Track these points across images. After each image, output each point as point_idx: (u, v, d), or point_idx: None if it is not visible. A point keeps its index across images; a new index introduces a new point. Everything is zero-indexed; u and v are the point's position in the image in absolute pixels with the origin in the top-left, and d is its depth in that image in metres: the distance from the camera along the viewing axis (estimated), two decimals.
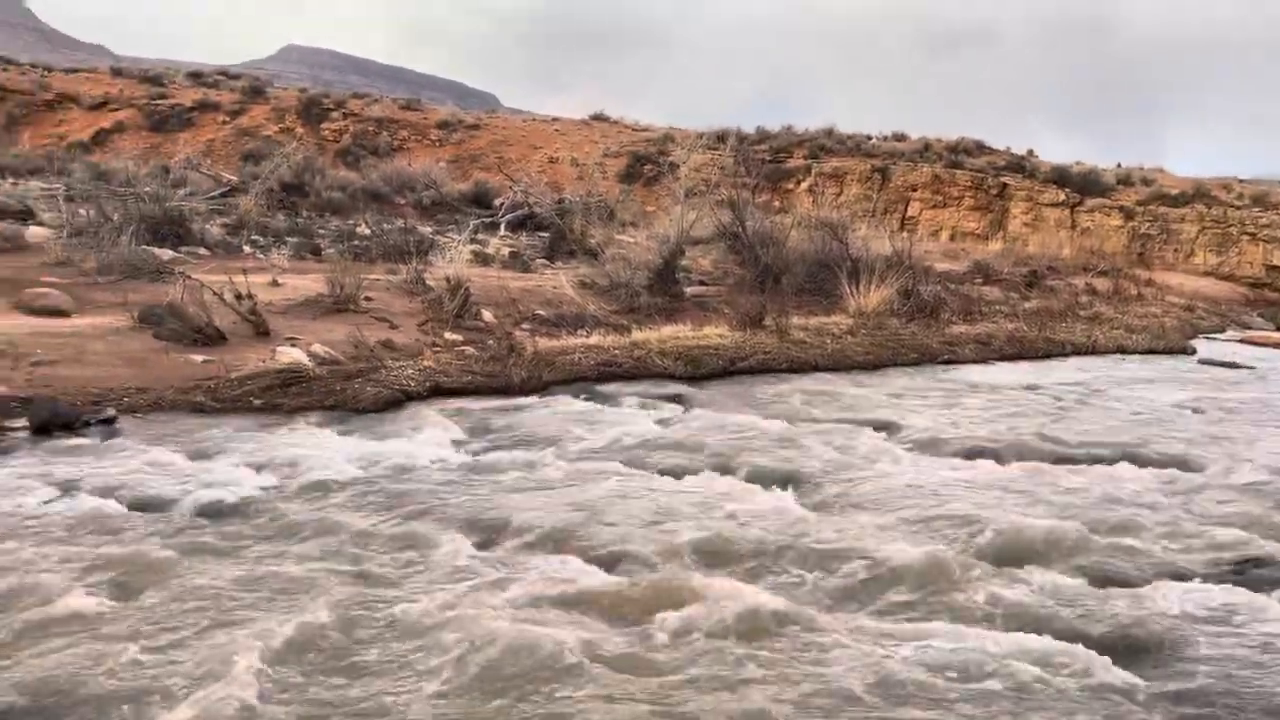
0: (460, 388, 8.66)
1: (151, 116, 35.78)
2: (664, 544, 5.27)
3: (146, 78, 40.28)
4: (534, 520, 5.48)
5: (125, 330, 8.83)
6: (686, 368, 10.01)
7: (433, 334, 10.35)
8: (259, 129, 35.46)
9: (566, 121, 39.47)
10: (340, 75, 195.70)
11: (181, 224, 14.07)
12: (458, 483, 6.19)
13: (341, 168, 28.57)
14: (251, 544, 4.99)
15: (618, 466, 6.74)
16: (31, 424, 6.59)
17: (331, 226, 18.55)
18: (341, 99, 39.81)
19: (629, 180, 30.51)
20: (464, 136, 36.26)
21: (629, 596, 4.59)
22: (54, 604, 4.11)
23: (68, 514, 5.17)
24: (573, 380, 9.32)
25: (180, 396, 7.52)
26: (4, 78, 38.12)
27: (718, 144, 24.04)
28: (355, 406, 7.87)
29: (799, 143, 34.05)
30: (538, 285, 13.49)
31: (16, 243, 12.37)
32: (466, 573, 4.77)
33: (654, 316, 12.51)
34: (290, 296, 10.81)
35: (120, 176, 17.56)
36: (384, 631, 4.12)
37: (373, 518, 5.45)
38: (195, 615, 4.12)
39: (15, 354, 7.76)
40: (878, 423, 8.38)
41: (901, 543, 5.33)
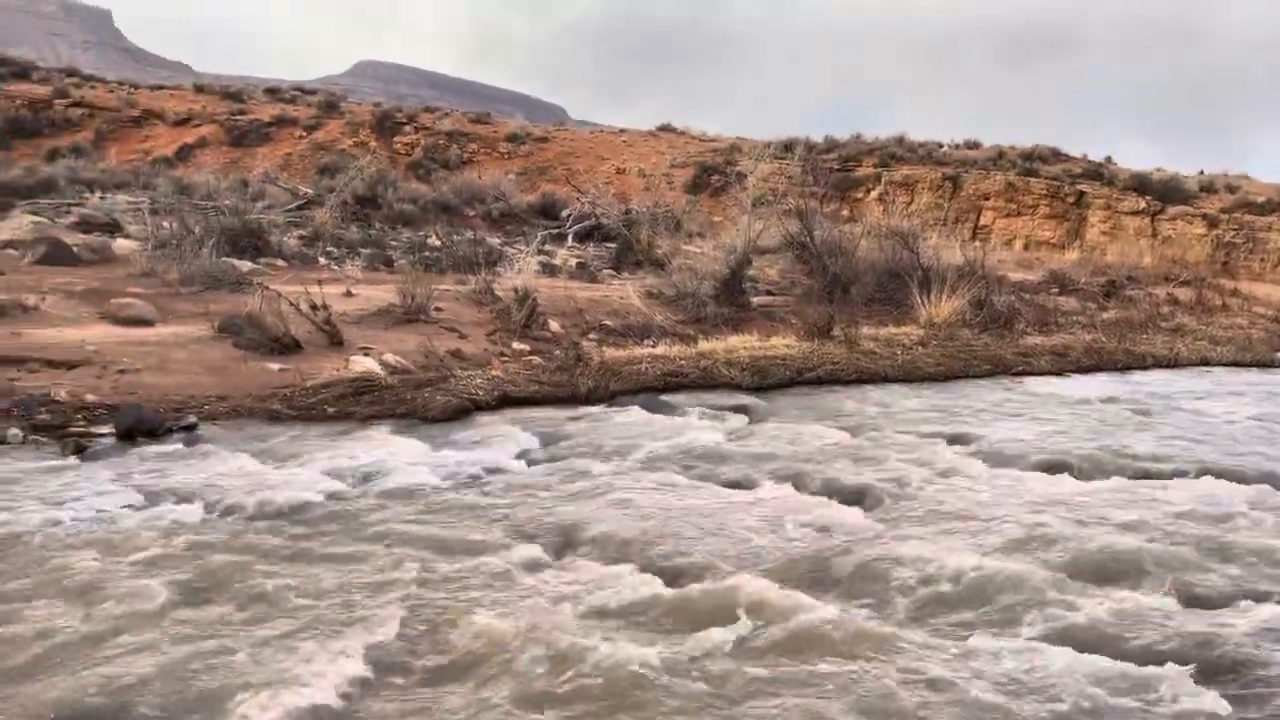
0: (528, 397, 8.73)
1: (232, 132, 36.89)
2: (732, 556, 5.24)
3: (227, 94, 41.55)
4: (601, 530, 5.49)
5: (206, 339, 9.10)
6: (753, 378, 9.95)
7: (501, 344, 10.46)
8: (334, 143, 36.31)
9: (633, 133, 39.66)
10: (413, 89, 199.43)
11: (260, 236, 14.47)
12: (526, 492, 6.24)
13: (413, 180, 29.10)
14: (325, 549, 5.09)
15: (684, 477, 6.73)
16: (118, 430, 6.81)
17: (403, 238, 18.89)
18: (414, 113, 40.57)
19: (695, 190, 30.51)
20: (532, 149, 36.66)
21: (696, 608, 4.57)
22: (134, 607, 4.24)
23: (150, 519, 5.33)
24: (639, 390, 9.33)
25: (258, 404, 7.71)
26: (93, 95, 39.67)
27: (785, 153, 23.92)
28: (425, 415, 7.99)
29: (868, 151, 33.70)
30: (604, 295, 13.55)
31: (104, 255, 12.84)
32: (535, 582, 4.80)
33: (720, 326, 12.47)
34: (363, 307, 11.03)
35: (202, 190, 18.13)
36: (453, 640, 4.16)
37: (443, 525, 5.52)
38: (269, 620, 4.21)
39: (103, 362, 8.04)
40: (950, 435, 8.22)
41: (975, 557, 5.22)
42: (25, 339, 8.34)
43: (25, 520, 5.14)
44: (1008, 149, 32.76)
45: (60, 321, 9.23)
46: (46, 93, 38.91)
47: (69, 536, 4.97)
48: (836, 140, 34.98)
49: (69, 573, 4.51)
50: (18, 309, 9.22)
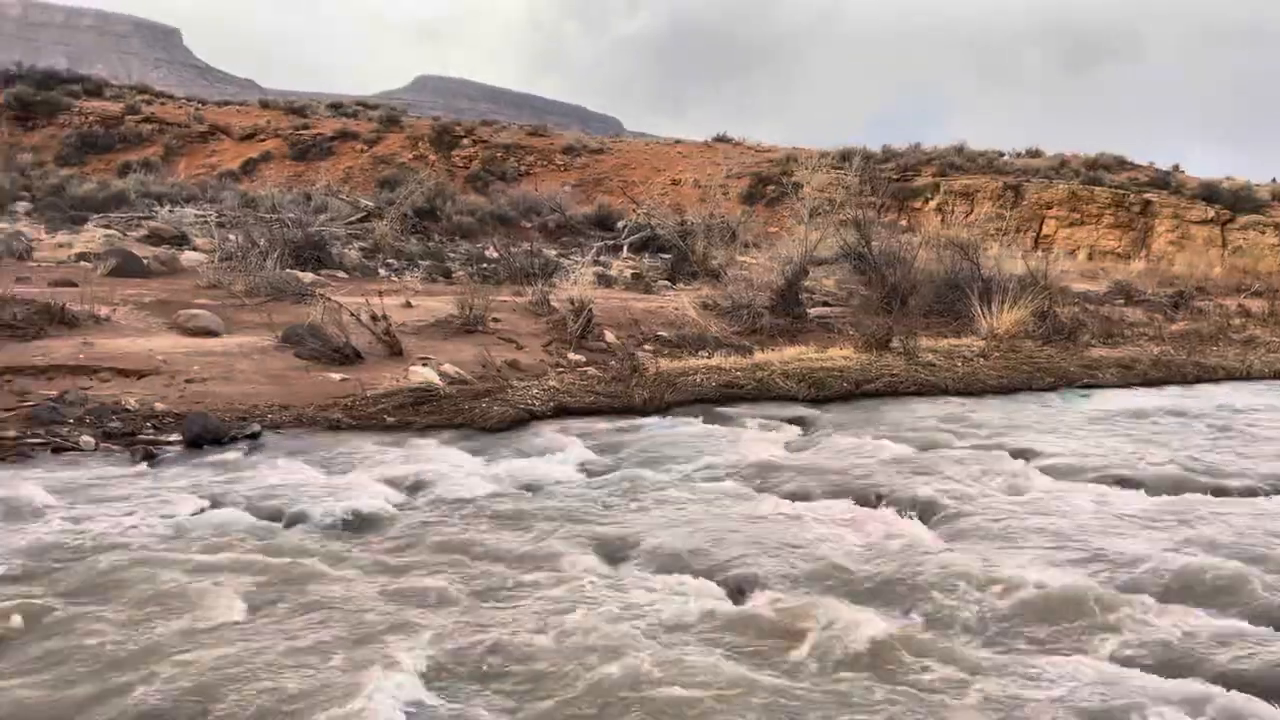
0: (583, 408, 8.74)
1: (295, 146, 37.71)
2: (790, 569, 5.18)
3: (292, 109, 42.51)
4: (659, 542, 5.46)
5: (270, 349, 9.27)
6: (810, 390, 9.85)
7: (557, 354, 10.51)
8: (394, 156, 36.93)
9: (689, 144, 39.73)
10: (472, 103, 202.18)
11: (322, 248, 14.75)
12: (583, 502, 6.24)
13: (471, 193, 29.47)
14: (385, 558, 5.14)
15: (740, 488, 6.68)
16: (184, 438, 6.96)
17: (461, 250, 19.12)
18: (471, 126, 41.12)
19: (751, 201, 30.44)
20: (588, 161, 36.90)
21: (755, 621, 4.53)
22: (199, 612, 4.31)
23: (215, 525, 5.43)
24: (694, 401, 9.29)
25: (319, 413, 7.82)
26: (163, 112, 40.85)
27: (842, 163, 23.75)
28: (483, 425, 8.04)
29: (927, 161, 33.33)
30: (659, 306, 13.55)
31: (172, 266, 13.18)
32: (593, 593, 4.78)
33: (776, 338, 12.39)
34: (422, 317, 11.16)
35: (266, 203, 18.53)
36: (513, 651, 4.16)
37: (501, 535, 5.54)
38: (330, 628, 4.25)
39: (171, 372, 8.24)
40: (1014, 449, 8.05)
41: (1041, 575, 5.09)
42: (98, 349, 8.58)
43: (96, 526, 5.26)
44: (1070, 157, 32.17)
45: (131, 332, 9.48)
46: (118, 109, 40.19)
47: (137, 542, 5.08)
48: (894, 150, 34.68)
49: (136, 579, 4.60)
50: (90, 320, 9.49)
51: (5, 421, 6.81)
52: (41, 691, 3.63)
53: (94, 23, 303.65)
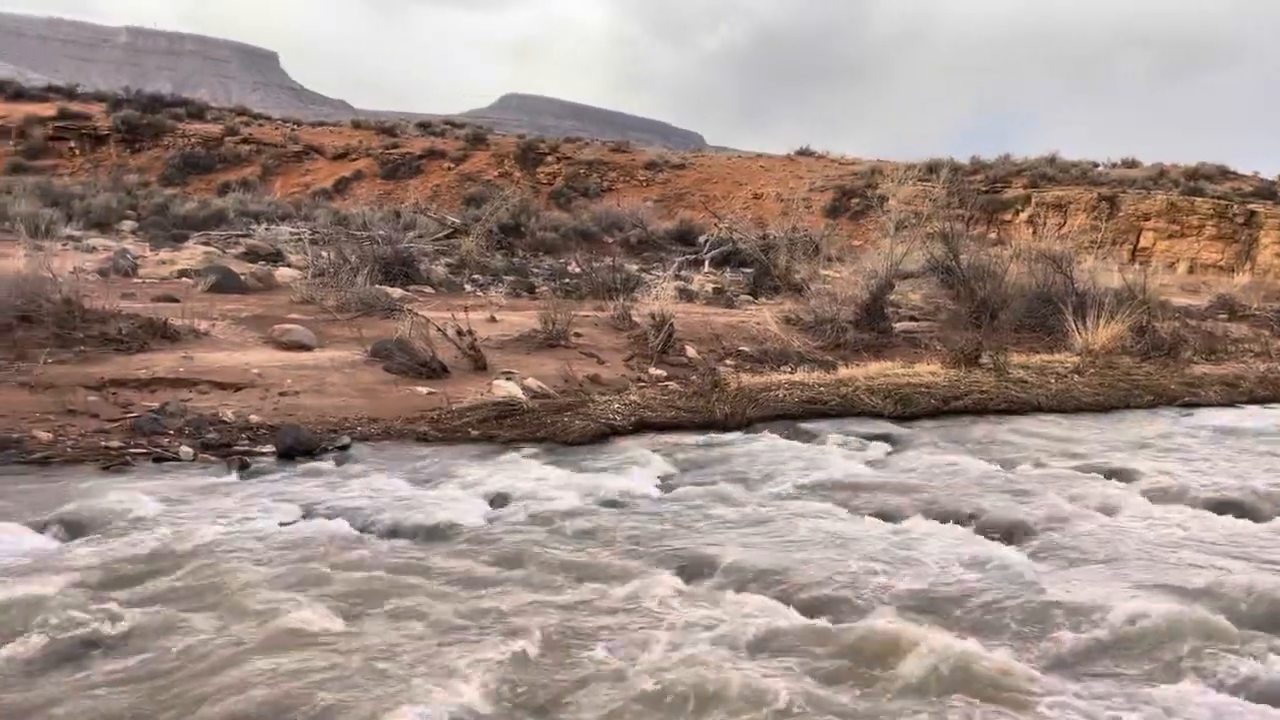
0: (664, 423, 8.73)
1: (385, 165, 38.69)
2: (874, 589, 5.07)
3: (382, 129, 43.65)
4: (741, 559, 5.41)
5: (360, 363, 9.49)
6: (896, 406, 9.67)
7: (638, 369, 10.52)
8: (480, 174, 37.61)
9: (771, 157, 39.55)
10: (556, 120, 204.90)
11: (410, 264, 15.07)
12: (664, 518, 6.22)
13: (554, 209, 29.83)
14: (468, 570, 5.19)
15: (824, 506, 6.57)
16: (278, 449, 7.16)
17: (544, 265, 19.34)
18: (555, 144, 41.64)
19: (834, 215, 30.13)
20: (670, 176, 37.02)
21: (839, 642, 4.44)
22: (286, 620, 4.40)
23: (304, 535, 5.55)
24: (777, 417, 9.20)
25: (407, 426, 7.97)
26: (261, 132, 42.34)
27: (929, 175, 23.32)
28: (564, 439, 8.09)
29: (1017, 172, 32.57)
30: (741, 321, 13.48)
31: (268, 282, 13.61)
32: (673, 610, 4.75)
33: (861, 353, 12.20)
34: (506, 332, 11.30)
35: (357, 221, 19.03)
36: (593, 666, 4.16)
37: (582, 550, 5.55)
38: (412, 640, 4.31)
39: (265, 385, 8.49)
40: (1110, 469, 7.77)
41: (1139, 601, 4.89)
42: (197, 362, 8.89)
43: (193, 534, 5.43)
44: (1170, 167, 31.08)
45: (228, 346, 9.81)
46: (219, 131, 41.79)
47: (231, 551, 5.23)
48: (983, 161, 33.98)
49: (229, 587, 4.73)
50: (191, 334, 9.85)
51: (110, 432, 7.10)
52: (135, 697, 3.76)
53: (196, 48, 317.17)
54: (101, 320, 9.29)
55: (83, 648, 4.14)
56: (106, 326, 9.19)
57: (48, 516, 5.56)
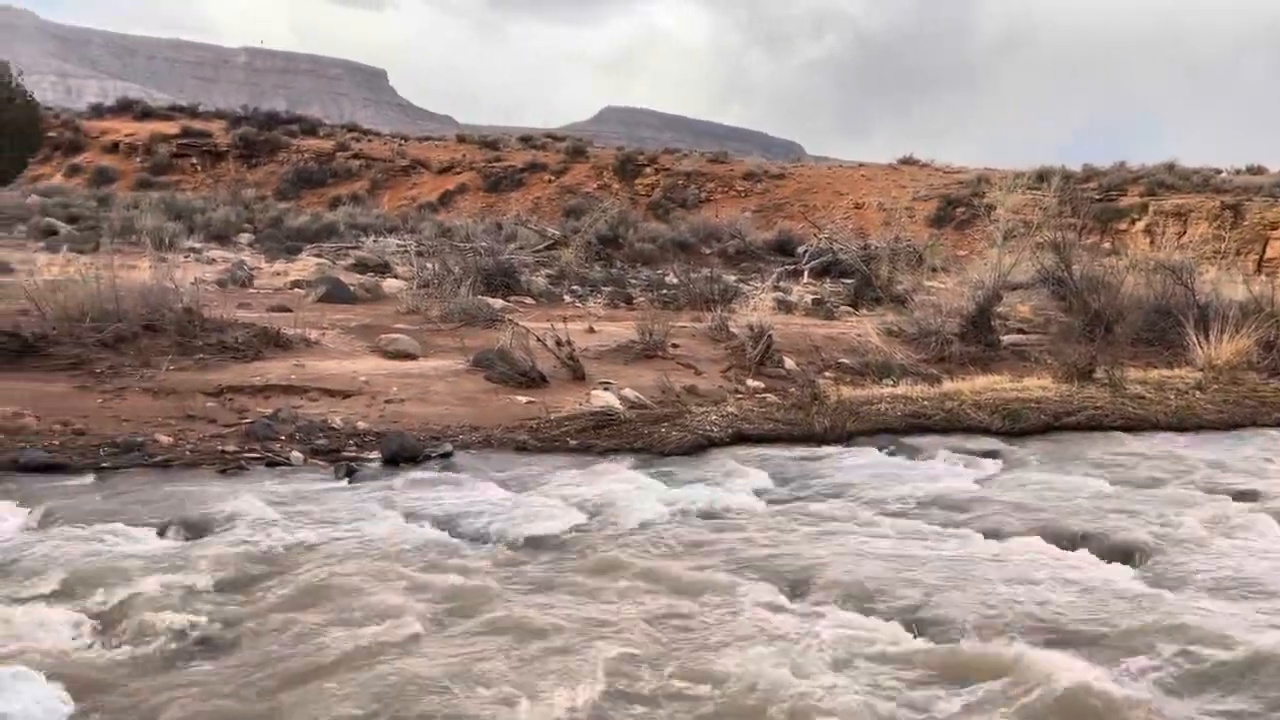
0: (762, 435, 8.64)
1: (488, 178, 39.52)
2: (980, 610, 4.91)
3: (485, 143, 44.60)
4: (840, 575, 5.30)
5: (462, 372, 9.67)
6: (1004, 421, 9.36)
7: (735, 380, 10.45)
8: (580, 186, 38.06)
9: (873, 166, 38.97)
10: (655, 132, 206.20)
11: (511, 275, 15.31)
12: (762, 531, 6.14)
13: (652, 220, 29.96)
14: (564, 579, 5.21)
15: (928, 524, 6.40)
16: (383, 455, 7.34)
17: (642, 276, 19.42)
18: (654, 155, 41.88)
19: (939, 224, 29.48)
20: (768, 186, 36.82)
21: (943, 663, 4.32)
22: (390, 625, 4.49)
23: (408, 541, 5.66)
24: (878, 431, 9.01)
25: (506, 435, 8.08)
26: (370, 148, 43.73)
27: (1039, 184, 22.61)
28: (661, 450, 8.08)
29: (1133, 179, 31.37)
30: (841, 333, 13.27)
31: (375, 293, 14.01)
32: (772, 625, 4.69)
33: (967, 366, 11.88)
34: (604, 342, 11.37)
35: (461, 233, 19.44)
36: (688, 678, 4.13)
37: (678, 562, 5.52)
38: (511, 647, 4.34)
39: (372, 392, 8.72)
40: (1235, 491, 7.37)
41: (1269, 632, 4.61)
42: (308, 370, 9.19)
43: (304, 537, 5.61)
44: None
45: (337, 354, 10.12)
46: (330, 147, 43.32)
47: (337, 554, 5.36)
48: (1096, 169, 32.83)
49: (335, 590, 4.85)
50: (302, 343, 10.19)
51: (226, 437, 7.39)
52: (245, 697, 3.87)
53: (310, 67, 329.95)
54: (219, 329, 9.69)
55: (197, 646, 4.30)
56: (224, 335, 9.58)
57: (168, 517, 5.81)
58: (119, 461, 6.78)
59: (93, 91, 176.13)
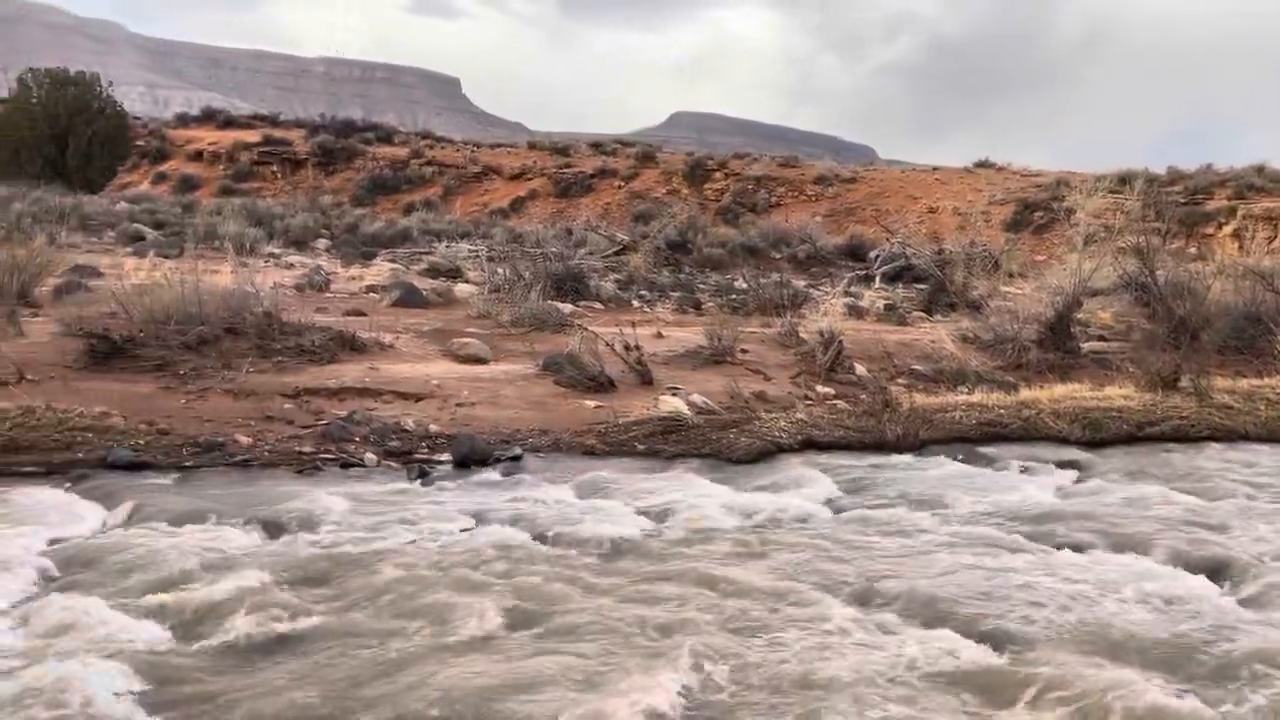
0: (832, 442, 8.54)
1: (558, 184, 39.86)
2: (1057, 626, 4.78)
3: (556, 150, 44.99)
4: (911, 587, 5.20)
5: (531, 376, 9.75)
6: (1084, 431, 9.11)
7: (805, 387, 10.35)
8: (649, 191, 38.15)
9: (947, 170, 38.32)
10: (725, 137, 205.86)
11: (580, 280, 15.39)
12: (831, 540, 6.06)
13: (721, 225, 29.88)
14: (633, 584, 5.21)
15: (1003, 536, 6.25)
16: (454, 458, 7.44)
17: (711, 281, 19.35)
18: (723, 160, 41.79)
19: (1016, 229, 28.85)
20: (840, 190, 36.46)
21: (1016, 680, 4.21)
22: (462, 625, 4.54)
23: (478, 542, 5.72)
24: (952, 439, 8.84)
25: (575, 439, 8.12)
26: (443, 155, 44.44)
27: (1121, 187, 21.98)
28: (729, 456, 8.04)
29: (1220, 183, 30.34)
30: (914, 339, 13.06)
31: (447, 298, 14.20)
32: (839, 636, 4.62)
33: (1045, 374, 11.58)
34: (672, 347, 11.35)
35: (531, 238, 19.62)
36: (754, 688, 4.09)
37: (746, 568, 5.47)
38: (578, 651, 4.35)
39: (443, 395, 8.84)
40: None
41: None
42: (382, 373, 9.35)
43: (378, 537, 5.71)
44: None
45: (410, 358, 10.28)
46: (405, 154, 44.15)
47: (410, 555, 5.44)
48: (1181, 172, 31.83)
49: (407, 590, 4.92)
50: (376, 346, 10.37)
51: (303, 438, 7.56)
52: (319, 693, 3.94)
53: (386, 75, 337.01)
54: (297, 332, 9.92)
55: (275, 642, 4.40)
56: (302, 338, 9.80)
57: (247, 516, 5.96)
58: (201, 461, 6.99)
59: (179, 101, 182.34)
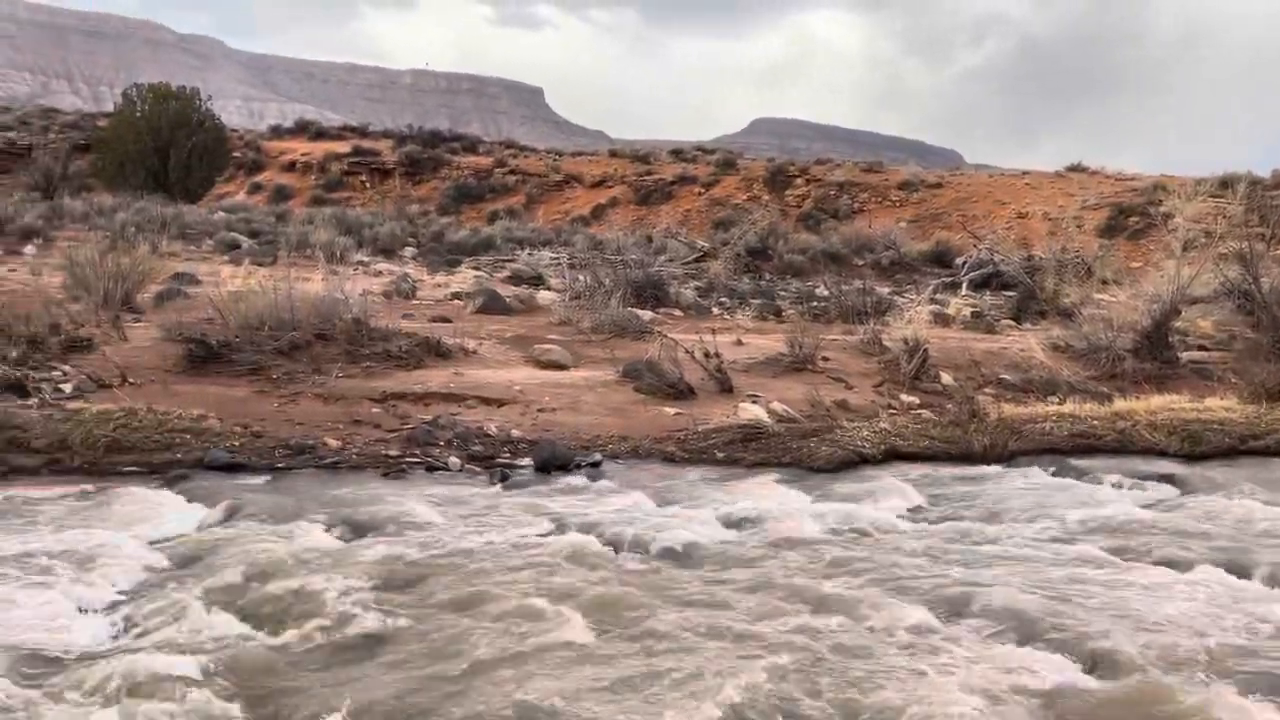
0: (917, 452, 8.39)
1: (639, 191, 40.00)
2: (1154, 646, 4.61)
3: (636, 157, 45.16)
4: (998, 602, 5.07)
5: (611, 383, 9.80)
6: (1182, 444, 8.77)
7: (888, 396, 10.19)
8: (729, 198, 38.03)
9: (1038, 174, 37.33)
10: (806, 143, 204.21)
11: (660, 287, 15.42)
12: (915, 552, 5.95)
13: (803, 231, 29.59)
14: (713, 592, 5.19)
15: (1096, 551, 6.05)
16: (535, 463, 7.52)
17: (792, 288, 19.19)
18: (805, 166, 41.44)
19: (1110, 234, 27.92)
20: (925, 195, 35.81)
21: (1112, 700, 4.07)
22: (543, 629, 4.57)
23: (558, 547, 5.76)
24: (1042, 451, 8.60)
25: (654, 446, 8.13)
26: (526, 164, 45.01)
27: (1222, 191, 21.13)
28: (810, 465, 7.96)
29: None
30: (1002, 347, 12.75)
31: (530, 305, 14.37)
32: (922, 650, 4.53)
33: (1141, 384, 11.20)
34: (752, 355, 11.29)
35: (612, 246, 19.71)
36: (835, 702, 4.03)
37: (828, 580, 5.40)
38: (658, 659, 4.34)
39: (525, 401, 8.95)
40: None
41: None
42: (466, 378, 9.51)
43: (461, 540, 5.80)
44: None
45: (493, 364, 10.43)
46: (489, 163, 44.82)
47: (492, 559, 5.51)
48: None
49: (490, 593, 4.98)
50: (461, 352, 10.55)
51: (389, 441, 7.73)
52: (401, 691, 4.02)
53: (471, 86, 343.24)
54: (385, 338, 10.14)
55: (359, 640, 4.50)
56: (389, 344, 10.02)
57: (336, 517, 6.12)
58: (292, 463, 7.20)
59: (274, 114, 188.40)
